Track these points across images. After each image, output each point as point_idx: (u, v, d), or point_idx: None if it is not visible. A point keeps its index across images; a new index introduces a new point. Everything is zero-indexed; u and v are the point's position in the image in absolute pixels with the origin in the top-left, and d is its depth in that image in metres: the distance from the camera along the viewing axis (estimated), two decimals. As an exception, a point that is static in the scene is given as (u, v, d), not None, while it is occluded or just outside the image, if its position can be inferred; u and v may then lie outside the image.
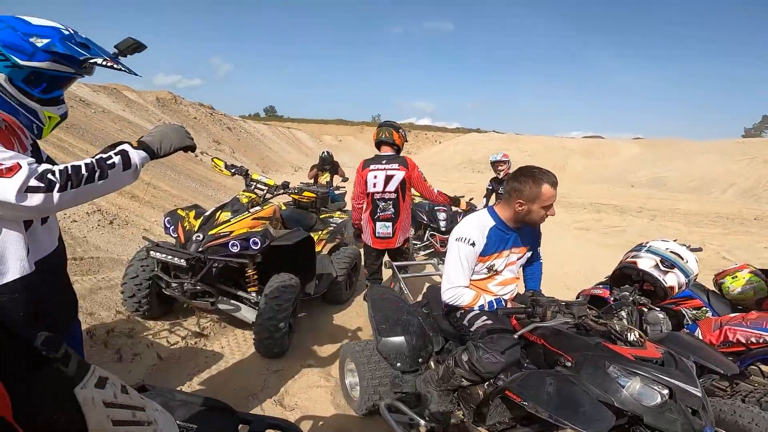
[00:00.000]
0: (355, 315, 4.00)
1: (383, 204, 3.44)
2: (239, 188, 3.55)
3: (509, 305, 2.02)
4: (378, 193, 3.42)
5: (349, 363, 2.59)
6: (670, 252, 2.44)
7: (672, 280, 2.36)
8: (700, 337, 2.43)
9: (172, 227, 3.04)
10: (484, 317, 1.99)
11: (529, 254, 2.22)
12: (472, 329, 2.00)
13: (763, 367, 2.58)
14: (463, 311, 2.08)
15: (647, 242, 2.61)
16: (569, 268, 6.28)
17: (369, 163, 3.46)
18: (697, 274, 2.47)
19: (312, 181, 7.85)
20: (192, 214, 3.11)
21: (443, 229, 5.68)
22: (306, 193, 3.83)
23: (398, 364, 2.23)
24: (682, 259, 2.41)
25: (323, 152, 8.20)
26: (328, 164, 7.95)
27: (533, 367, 1.87)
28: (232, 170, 3.49)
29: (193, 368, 2.83)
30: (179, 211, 3.15)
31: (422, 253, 5.96)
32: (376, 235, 3.49)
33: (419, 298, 2.79)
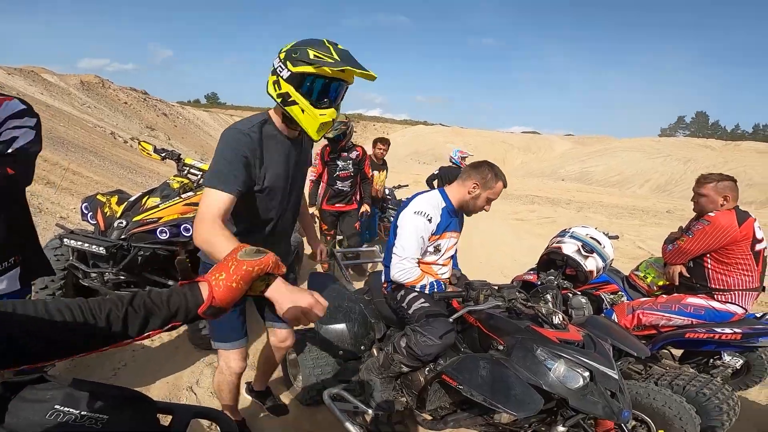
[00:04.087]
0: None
1: None
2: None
3: (449, 289, 2.06)
4: None
5: (291, 352, 2.52)
6: (590, 238, 2.61)
7: (591, 264, 2.53)
8: (616, 321, 2.59)
9: (90, 213, 2.76)
10: (422, 300, 2.02)
11: (457, 240, 2.30)
12: (410, 311, 2.02)
13: (674, 351, 2.83)
14: (403, 293, 2.09)
15: (570, 228, 2.77)
16: (506, 255, 6.60)
17: None
18: (612, 259, 2.66)
19: None
20: (114, 199, 2.85)
21: (391, 218, 5.72)
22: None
23: (340, 352, 2.21)
24: (600, 244, 2.59)
25: None
26: None
27: (469, 351, 1.92)
28: (162, 154, 3.26)
29: (119, 362, 2.64)
30: (99, 197, 2.88)
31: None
32: None
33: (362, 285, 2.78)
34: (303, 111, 1.44)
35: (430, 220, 2.02)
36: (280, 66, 1.42)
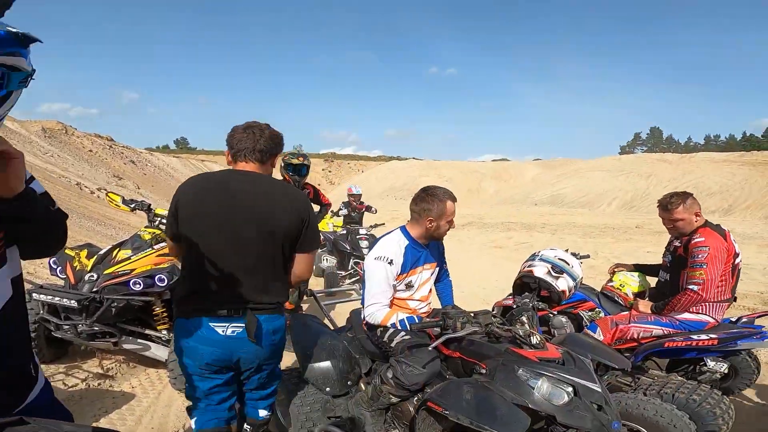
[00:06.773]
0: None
1: None
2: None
3: (425, 320, 2.09)
4: None
5: (279, 393, 2.45)
6: (558, 259, 2.72)
7: (563, 284, 2.62)
8: (601, 336, 2.64)
9: (60, 267, 2.71)
10: (402, 333, 2.04)
11: (437, 270, 2.35)
12: (392, 345, 2.03)
13: (661, 361, 2.88)
14: (382, 329, 2.11)
15: (539, 252, 2.88)
16: (487, 283, 6.67)
17: None
18: (582, 278, 2.76)
19: None
20: (83, 253, 2.81)
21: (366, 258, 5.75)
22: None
23: (327, 389, 2.18)
24: (568, 264, 2.70)
25: None
26: None
27: (454, 378, 1.93)
28: (132, 205, 3.22)
29: (99, 409, 2.55)
30: (67, 251, 2.82)
31: (347, 281, 5.96)
32: None
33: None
34: None
35: (391, 263, 2.07)
36: None
